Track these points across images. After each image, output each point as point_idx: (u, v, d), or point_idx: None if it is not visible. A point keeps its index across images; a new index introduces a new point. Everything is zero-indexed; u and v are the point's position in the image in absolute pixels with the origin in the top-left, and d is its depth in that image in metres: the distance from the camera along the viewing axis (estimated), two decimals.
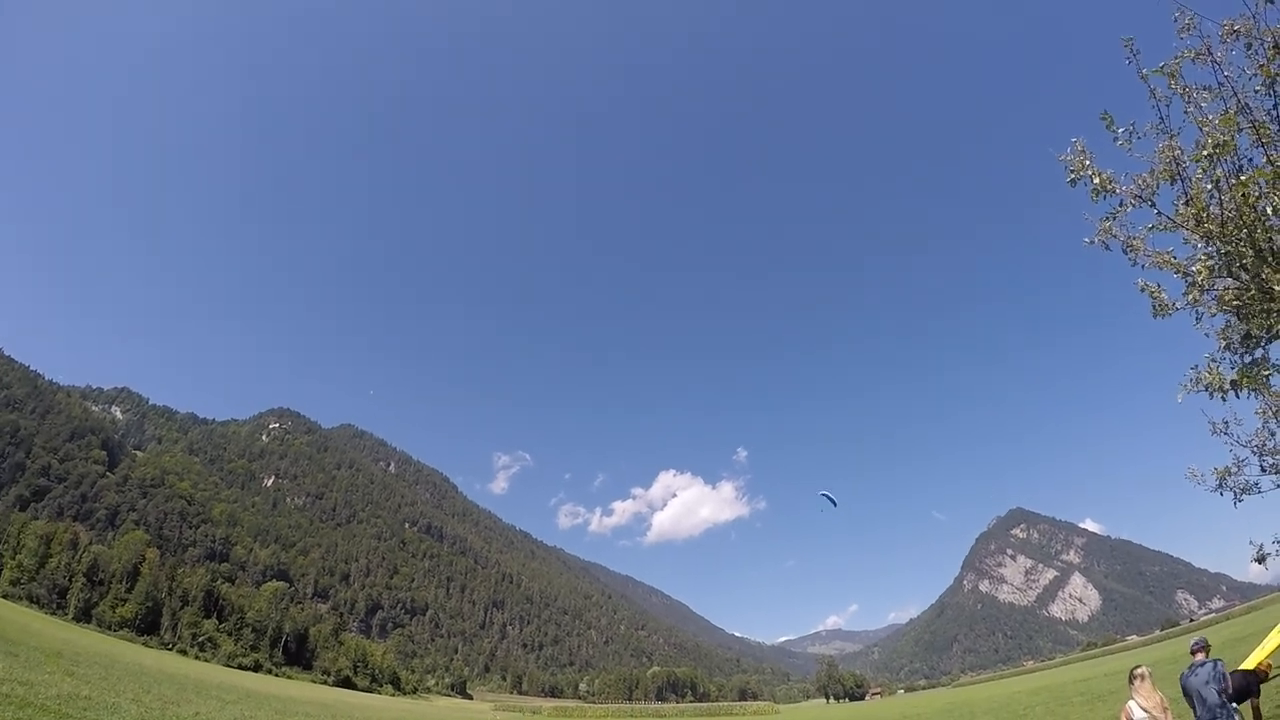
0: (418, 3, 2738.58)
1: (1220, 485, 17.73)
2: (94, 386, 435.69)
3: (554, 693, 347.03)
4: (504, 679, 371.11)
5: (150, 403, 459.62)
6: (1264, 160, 11.81)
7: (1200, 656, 14.71)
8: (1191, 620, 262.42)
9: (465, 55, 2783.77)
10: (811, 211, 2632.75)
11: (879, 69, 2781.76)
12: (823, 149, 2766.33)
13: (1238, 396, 14.77)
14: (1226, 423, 18.37)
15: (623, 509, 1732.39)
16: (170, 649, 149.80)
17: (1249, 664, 26.70)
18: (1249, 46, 11.87)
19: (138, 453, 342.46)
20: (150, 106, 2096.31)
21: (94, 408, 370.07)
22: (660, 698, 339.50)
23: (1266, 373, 14.96)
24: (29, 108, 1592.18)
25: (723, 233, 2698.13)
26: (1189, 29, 12.44)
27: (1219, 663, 14.30)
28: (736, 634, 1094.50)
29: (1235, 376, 14.48)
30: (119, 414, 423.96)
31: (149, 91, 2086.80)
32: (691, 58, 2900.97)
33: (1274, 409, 17.89)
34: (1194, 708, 14.27)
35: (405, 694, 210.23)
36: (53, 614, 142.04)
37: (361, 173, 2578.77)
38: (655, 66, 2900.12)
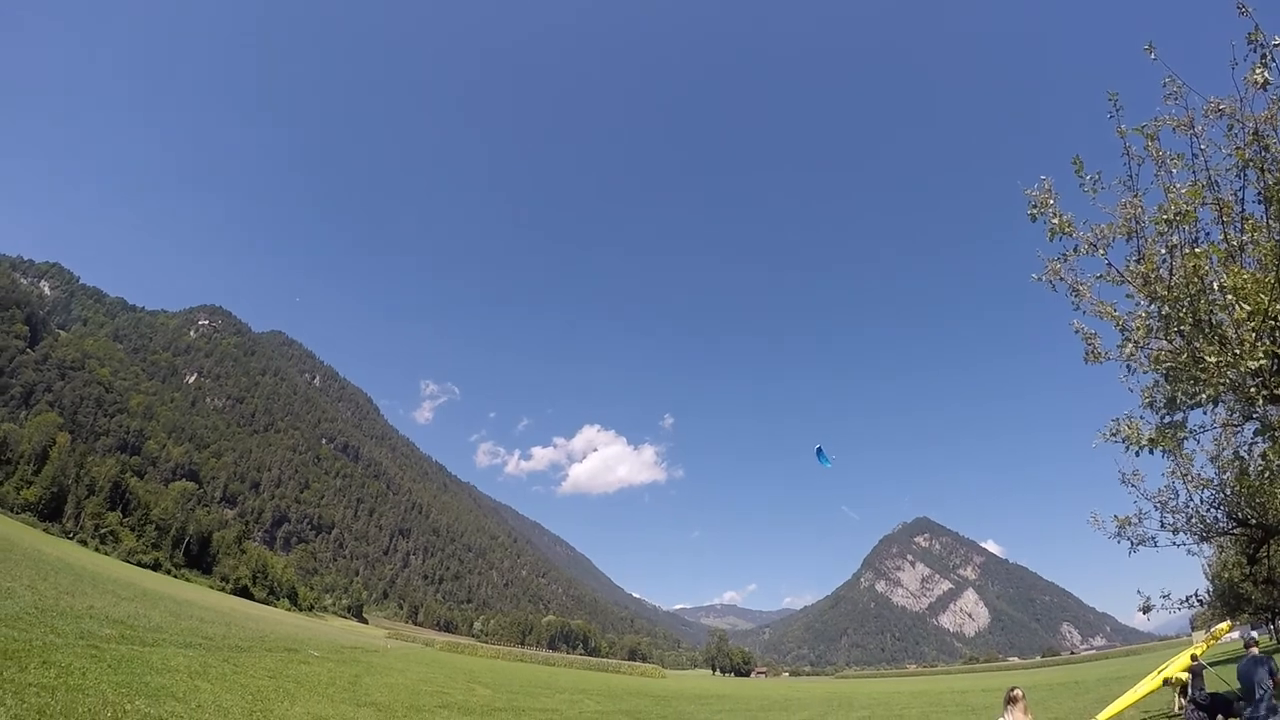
0: None
1: (1119, 533, 18.56)
2: (25, 258, 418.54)
3: (449, 628, 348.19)
4: (401, 608, 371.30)
5: (80, 281, 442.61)
6: (1220, 237, 12.19)
7: (1254, 650, 15.99)
8: (1073, 653, 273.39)
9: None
10: (764, 198, 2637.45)
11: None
12: (787, 144, 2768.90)
13: (1151, 454, 15.39)
14: (1136, 471, 19.21)
15: (541, 455, 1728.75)
16: (71, 538, 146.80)
17: (1112, 710, 28.25)
18: (1230, 127, 12.16)
19: (61, 332, 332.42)
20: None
21: (22, 280, 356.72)
22: (552, 646, 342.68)
23: (1183, 435, 15.65)
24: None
25: (682, 208, 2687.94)
26: (1176, 97, 12.66)
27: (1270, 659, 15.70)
28: (635, 594, 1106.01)
29: (1153, 435, 15.06)
30: (47, 290, 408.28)
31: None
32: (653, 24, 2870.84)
33: (1182, 471, 18.79)
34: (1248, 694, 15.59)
35: (301, 610, 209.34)
36: None
37: (326, 84, 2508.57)
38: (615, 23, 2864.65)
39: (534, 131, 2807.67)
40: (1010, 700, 12.97)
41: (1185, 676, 27.50)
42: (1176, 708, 27.83)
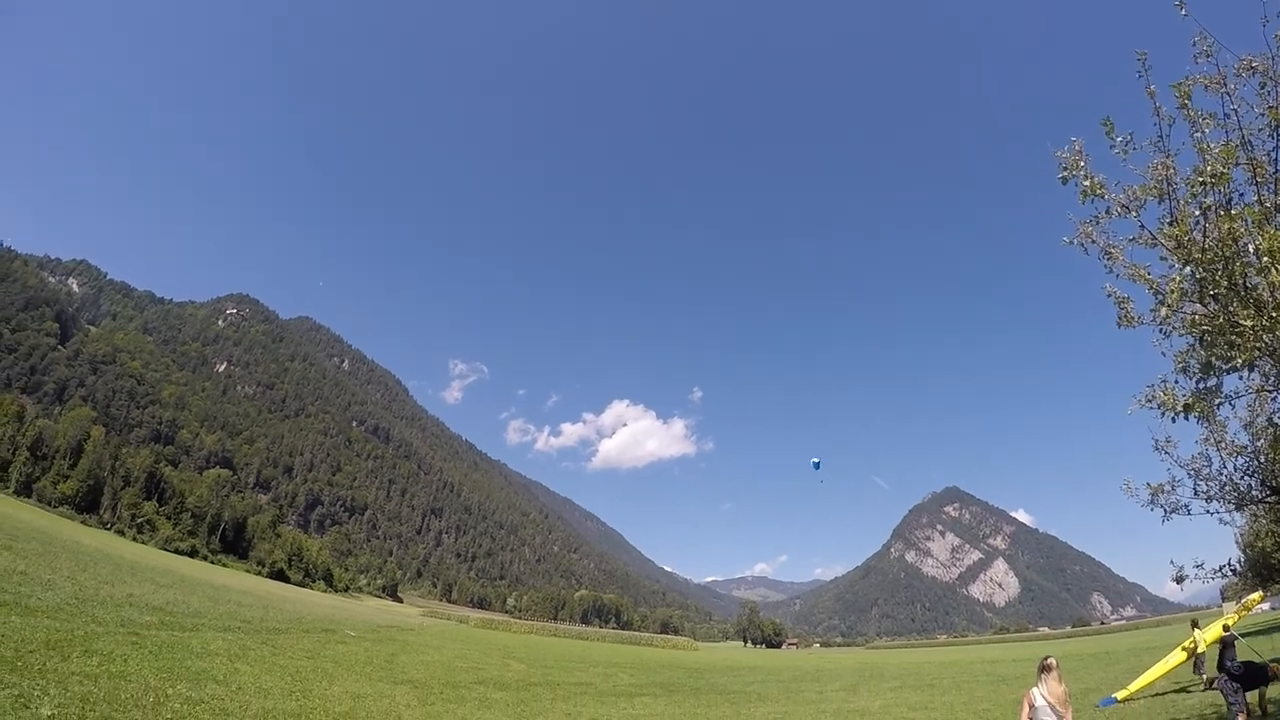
0: None
1: (1152, 501, 18.24)
2: (52, 257, 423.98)
3: (482, 604, 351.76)
4: (434, 586, 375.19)
5: (108, 277, 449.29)
6: (1255, 198, 11.90)
7: None
8: (1103, 624, 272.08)
9: None
10: (792, 174, 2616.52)
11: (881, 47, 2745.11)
12: (815, 113, 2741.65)
13: (1187, 419, 15.13)
14: (1169, 439, 18.87)
15: (571, 431, 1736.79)
16: (109, 529, 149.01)
17: (1143, 680, 28.01)
18: (1262, 86, 11.85)
19: (91, 328, 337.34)
20: None
21: (50, 279, 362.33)
22: (585, 621, 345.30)
23: (1218, 401, 15.39)
24: None
25: (707, 182, 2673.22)
26: (1207, 55, 12.34)
27: None
28: (666, 568, 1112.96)
29: (1189, 400, 14.81)
30: (75, 287, 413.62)
31: None
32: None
33: (1216, 438, 18.42)
34: None
35: (337, 591, 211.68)
36: None
37: (344, 69, 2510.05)
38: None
39: (560, 108, 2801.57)
40: (1044, 669, 12.81)
41: (1194, 645, 27.31)
42: (1207, 681, 27.57)
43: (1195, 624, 28.95)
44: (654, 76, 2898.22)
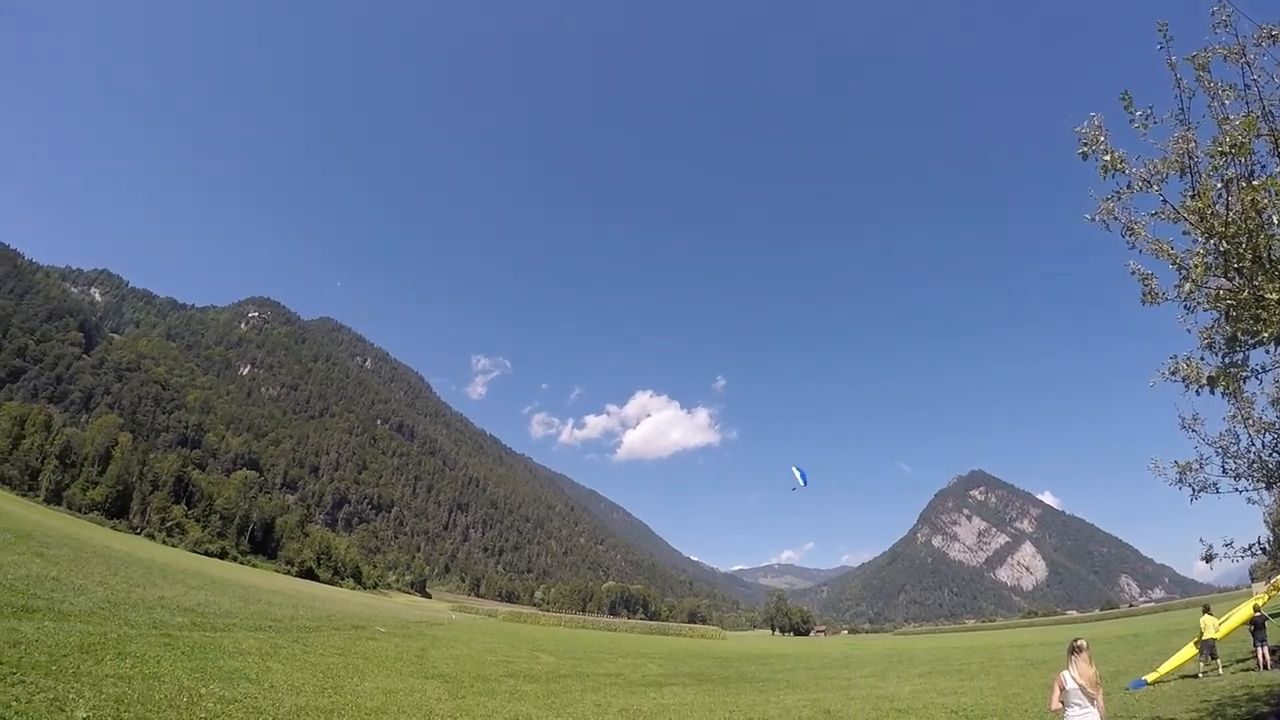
0: None
1: (1180, 479, 17.92)
2: (74, 267, 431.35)
3: (510, 598, 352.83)
4: (463, 581, 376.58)
5: (130, 285, 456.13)
6: (1277, 170, 11.69)
7: None
8: (1132, 605, 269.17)
9: None
10: (809, 160, 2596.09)
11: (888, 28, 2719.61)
12: (829, 97, 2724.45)
13: (1212, 393, 14.89)
14: (1196, 416, 18.59)
15: (595, 423, 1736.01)
16: (139, 533, 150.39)
17: (1174, 662, 27.76)
18: None
19: (115, 336, 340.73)
20: None
21: (73, 289, 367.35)
22: (613, 612, 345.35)
23: (1244, 375, 15.14)
24: None
25: (726, 171, 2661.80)
26: (1225, 25, 12.11)
27: None
28: (692, 558, 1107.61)
29: (1213, 373, 14.58)
30: (98, 296, 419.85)
31: None
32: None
33: (1243, 414, 18.10)
34: None
35: (366, 589, 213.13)
36: (24, 495, 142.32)
37: (356, 65, 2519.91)
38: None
39: (577, 104, 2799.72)
40: (1074, 651, 12.67)
41: (1202, 626, 27.04)
42: (1202, 670, 27.31)
43: (1207, 609, 28.65)
44: (668, 70, 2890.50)
